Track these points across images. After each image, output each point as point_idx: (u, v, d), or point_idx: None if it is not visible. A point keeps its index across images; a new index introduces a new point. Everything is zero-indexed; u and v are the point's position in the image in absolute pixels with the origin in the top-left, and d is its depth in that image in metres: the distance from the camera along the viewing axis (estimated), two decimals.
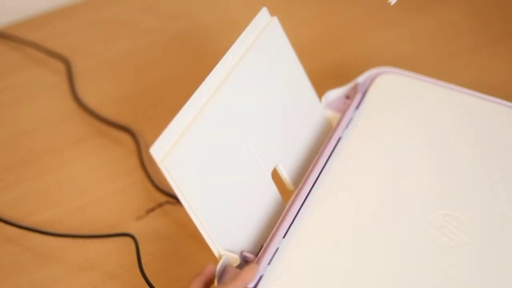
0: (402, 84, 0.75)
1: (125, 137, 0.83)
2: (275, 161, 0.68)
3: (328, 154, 0.68)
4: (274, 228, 0.62)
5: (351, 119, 0.72)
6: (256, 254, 0.62)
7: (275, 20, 0.69)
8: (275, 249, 0.61)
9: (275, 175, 0.67)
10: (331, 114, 0.75)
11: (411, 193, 0.65)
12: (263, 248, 0.61)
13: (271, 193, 0.66)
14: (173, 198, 0.74)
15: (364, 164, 0.68)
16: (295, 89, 0.71)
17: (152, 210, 0.74)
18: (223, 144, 0.62)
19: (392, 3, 0.65)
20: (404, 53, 0.92)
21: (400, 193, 0.65)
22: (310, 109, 0.73)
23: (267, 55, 0.68)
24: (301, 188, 0.65)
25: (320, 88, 0.75)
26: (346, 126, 0.71)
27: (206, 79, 0.62)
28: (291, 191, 0.68)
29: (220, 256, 0.61)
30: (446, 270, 0.60)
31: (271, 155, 0.67)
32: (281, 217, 0.63)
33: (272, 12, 0.70)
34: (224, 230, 0.61)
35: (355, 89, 0.75)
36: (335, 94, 0.75)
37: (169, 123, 0.57)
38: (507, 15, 0.97)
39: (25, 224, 0.73)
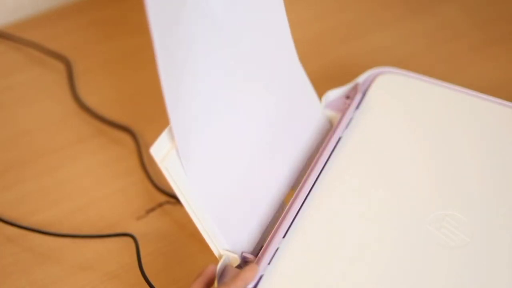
0: (402, 84, 0.75)
1: (125, 137, 0.83)
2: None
3: (328, 154, 0.68)
4: (274, 228, 0.62)
5: (351, 119, 0.72)
6: (256, 254, 0.62)
7: None
8: (275, 249, 0.61)
9: None
10: (331, 114, 0.75)
11: (411, 193, 0.65)
12: (263, 248, 0.61)
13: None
14: (173, 198, 0.74)
15: (364, 164, 0.68)
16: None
17: (152, 210, 0.74)
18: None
19: None
20: (404, 53, 0.92)
21: (400, 193, 0.65)
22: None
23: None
24: (301, 188, 0.65)
25: (320, 88, 0.75)
26: (346, 126, 0.71)
27: None
28: (291, 191, 0.68)
29: (220, 256, 0.61)
30: (446, 270, 0.60)
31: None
32: (281, 217, 0.63)
33: None
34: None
35: (355, 89, 0.75)
36: (335, 94, 0.75)
37: (169, 123, 0.57)
38: (507, 15, 0.97)
39: (25, 224, 0.73)
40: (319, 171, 0.67)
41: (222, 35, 0.59)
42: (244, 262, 0.62)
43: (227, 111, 0.62)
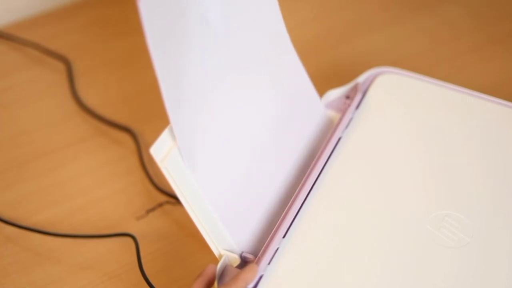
0: (402, 84, 0.75)
1: (125, 137, 0.83)
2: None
3: (328, 154, 0.68)
4: (274, 228, 0.62)
5: (351, 119, 0.72)
6: (256, 254, 0.62)
7: None
8: (275, 249, 0.61)
9: None
10: (331, 114, 0.75)
11: (411, 193, 0.65)
12: (263, 248, 0.61)
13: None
14: (173, 198, 0.74)
15: (364, 164, 0.68)
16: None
17: (152, 210, 0.74)
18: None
19: None
20: (404, 53, 0.92)
21: (400, 193, 0.65)
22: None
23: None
24: (301, 188, 0.65)
25: (320, 88, 0.75)
26: (346, 126, 0.71)
27: None
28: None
29: (220, 256, 0.61)
30: (446, 270, 0.60)
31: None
32: (281, 217, 0.63)
33: None
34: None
35: (355, 89, 0.75)
36: (335, 94, 0.75)
37: (169, 123, 0.57)
38: (507, 15, 0.97)
39: (25, 224, 0.73)
40: (319, 171, 0.67)
41: (218, 38, 0.59)
42: (244, 262, 0.62)
43: (227, 110, 0.62)
